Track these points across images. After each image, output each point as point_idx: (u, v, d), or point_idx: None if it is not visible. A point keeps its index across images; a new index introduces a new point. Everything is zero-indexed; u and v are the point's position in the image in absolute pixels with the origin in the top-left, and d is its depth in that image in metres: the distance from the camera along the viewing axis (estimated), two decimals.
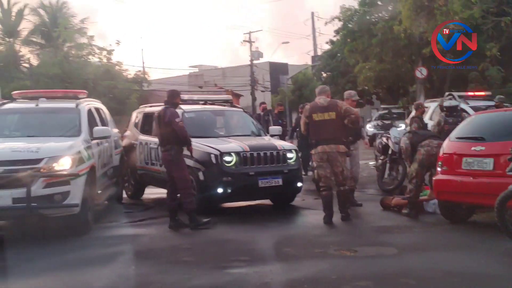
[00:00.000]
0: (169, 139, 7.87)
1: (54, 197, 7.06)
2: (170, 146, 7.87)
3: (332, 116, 7.87)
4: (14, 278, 5.59)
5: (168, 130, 7.85)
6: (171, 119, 7.80)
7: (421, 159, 8.20)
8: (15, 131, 8.53)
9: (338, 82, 32.34)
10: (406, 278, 5.22)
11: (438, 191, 7.70)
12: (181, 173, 7.89)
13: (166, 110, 7.94)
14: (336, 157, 7.89)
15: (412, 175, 8.31)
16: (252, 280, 5.28)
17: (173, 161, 7.86)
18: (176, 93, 8.38)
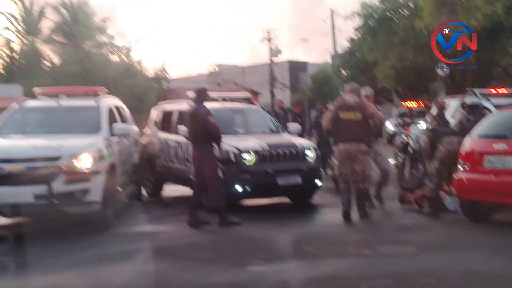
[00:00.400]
0: (202, 137, 7.90)
1: (75, 194, 7.15)
2: (203, 144, 7.90)
3: (358, 116, 7.92)
4: (36, 274, 5.66)
5: (201, 128, 7.87)
6: (205, 118, 7.85)
7: (441, 157, 8.09)
8: (36, 128, 8.64)
9: (358, 79, 32.12)
10: (426, 277, 5.17)
11: (459, 189, 7.61)
12: (213, 171, 7.91)
13: (198, 109, 7.97)
14: (357, 156, 7.93)
15: (433, 174, 8.20)
16: (271, 277, 5.28)
17: (205, 159, 7.88)
18: (205, 90, 8.43)
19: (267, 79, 39.99)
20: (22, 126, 8.65)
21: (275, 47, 40.81)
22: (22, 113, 8.96)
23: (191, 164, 9.42)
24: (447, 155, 8.03)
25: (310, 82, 41.82)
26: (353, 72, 33.85)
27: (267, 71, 40.31)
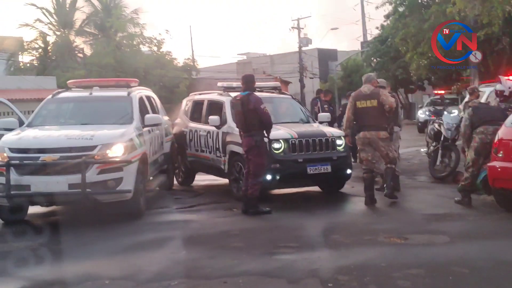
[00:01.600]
0: (253, 125, 7.95)
1: (107, 183, 7.27)
2: (255, 131, 7.95)
3: (374, 103, 8.20)
4: (69, 261, 5.80)
5: (253, 116, 7.92)
6: (256, 105, 7.89)
7: (476, 147, 7.96)
8: (70, 119, 8.79)
9: (389, 67, 31.76)
10: (459, 267, 5.12)
11: (493, 178, 7.48)
12: (260, 159, 7.97)
13: (249, 97, 8.00)
14: (377, 143, 8.24)
15: (469, 164, 8.08)
16: (301, 266, 5.29)
17: (256, 147, 7.93)
18: (253, 77, 8.49)
19: (296, 67, 39.82)
20: (56, 117, 8.82)
21: (305, 36, 40.58)
22: (56, 104, 9.13)
23: (221, 153, 9.51)
24: (481, 145, 7.90)
25: (339, 70, 41.50)
26: (383, 60, 33.44)
27: (296, 59, 40.13)
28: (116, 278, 5.17)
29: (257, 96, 8.05)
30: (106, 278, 5.16)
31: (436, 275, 4.93)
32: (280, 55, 45.20)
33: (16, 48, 33.27)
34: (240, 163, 8.93)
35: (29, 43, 34.08)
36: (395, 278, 4.85)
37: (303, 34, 40.93)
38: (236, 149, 9.02)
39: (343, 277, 4.93)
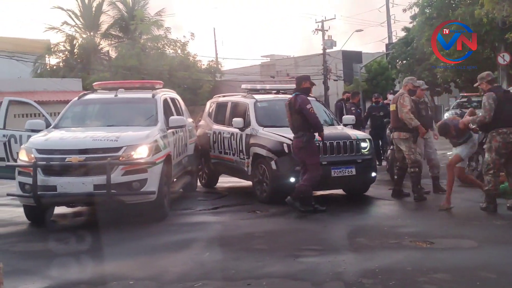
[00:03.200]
0: (301, 126, 7.99)
1: (132, 184, 7.32)
2: (302, 133, 7.97)
3: (393, 108, 8.85)
4: (94, 261, 5.85)
5: (299, 117, 7.96)
6: (301, 106, 7.92)
7: (497, 147, 7.58)
8: (95, 120, 8.89)
9: (414, 69, 31.42)
10: (486, 272, 5.03)
11: None
12: (313, 159, 8.00)
13: (296, 98, 8.05)
14: (398, 143, 8.86)
15: (489, 166, 7.70)
16: (325, 269, 5.25)
17: (305, 148, 7.94)
18: (303, 78, 8.52)
19: (321, 70, 39.67)
20: (82, 119, 8.92)
21: (329, 38, 40.41)
22: (82, 106, 9.23)
23: (244, 155, 9.51)
24: (503, 145, 7.56)
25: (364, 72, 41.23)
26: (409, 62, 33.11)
27: (320, 61, 39.97)
28: (140, 278, 5.20)
29: (303, 97, 8.06)
30: (130, 278, 5.19)
31: (462, 280, 4.84)
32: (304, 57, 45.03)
33: (43, 50, 33.81)
34: (263, 165, 8.92)
35: (56, 46, 34.61)
36: (421, 283, 4.79)
37: (327, 36, 40.74)
38: (260, 151, 9.01)
39: (368, 281, 4.87)
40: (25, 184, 7.33)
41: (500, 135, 7.53)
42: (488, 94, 7.62)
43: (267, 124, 9.42)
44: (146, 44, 33.47)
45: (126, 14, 35.99)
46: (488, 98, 7.56)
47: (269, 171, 8.73)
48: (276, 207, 8.50)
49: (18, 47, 29.78)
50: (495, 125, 7.53)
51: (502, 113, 7.50)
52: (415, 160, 8.67)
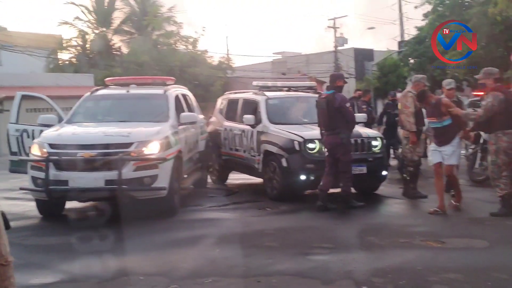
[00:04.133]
0: (338, 123, 8.03)
1: (143, 180, 7.35)
2: (340, 130, 8.02)
3: (400, 106, 9.05)
4: (105, 256, 5.86)
5: (338, 114, 8.01)
6: (341, 104, 8.01)
7: (506, 148, 7.41)
8: (107, 116, 8.92)
9: (426, 68, 31.26)
10: (498, 272, 5.00)
11: None
12: (347, 156, 8.07)
13: (335, 95, 8.10)
14: (403, 140, 9.11)
15: (502, 168, 7.46)
16: (335, 267, 5.25)
17: (343, 145, 8.01)
18: (337, 76, 8.74)
19: (332, 67, 39.56)
20: (93, 114, 8.97)
21: (341, 35, 40.29)
22: (94, 102, 9.27)
23: (255, 152, 9.51)
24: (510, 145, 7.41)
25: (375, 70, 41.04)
26: (420, 60, 32.94)
27: (332, 59, 39.87)
28: (150, 274, 5.21)
29: (342, 95, 8.20)
30: (141, 274, 5.20)
31: (474, 280, 4.81)
32: (315, 54, 44.89)
33: (55, 45, 33.96)
34: (274, 162, 8.91)
35: (68, 41, 34.76)
36: (432, 282, 4.76)
37: (339, 34, 40.62)
38: (271, 148, 9.01)
39: (378, 280, 4.86)
40: (37, 178, 7.38)
41: (507, 135, 7.39)
42: (495, 95, 7.43)
43: (278, 121, 9.42)
44: (158, 40, 33.52)
45: (138, 10, 36.06)
46: (494, 99, 7.38)
47: (280, 169, 8.73)
48: (286, 204, 8.49)
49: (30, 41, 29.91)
50: (502, 126, 7.38)
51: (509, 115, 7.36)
52: (411, 159, 8.85)
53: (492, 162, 7.52)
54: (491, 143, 7.54)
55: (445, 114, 7.58)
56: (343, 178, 8.03)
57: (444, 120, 7.59)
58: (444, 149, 7.65)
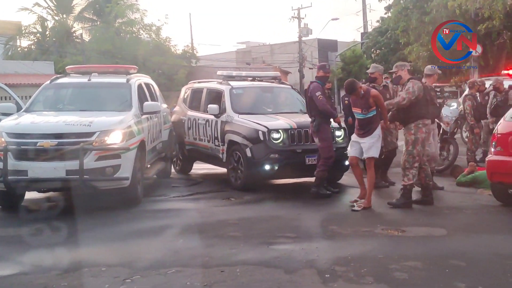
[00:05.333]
0: (313, 111, 8.21)
1: (105, 170, 7.25)
2: (313, 118, 8.20)
3: None
4: (66, 247, 5.79)
5: (312, 103, 8.18)
6: (312, 93, 8.15)
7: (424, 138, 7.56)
8: (68, 105, 8.75)
9: (389, 59, 31.72)
10: (456, 260, 5.13)
11: (491, 172, 7.48)
12: (323, 143, 8.18)
13: (310, 85, 8.33)
14: None
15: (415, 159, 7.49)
16: (298, 256, 5.30)
17: (316, 132, 8.16)
18: (319, 66, 8.91)
19: (296, 58, 39.71)
20: (54, 103, 8.77)
21: (305, 26, 40.45)
22: (54, 90, 9.07)
23: (219, 142, 9.49)
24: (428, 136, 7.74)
25: (339, 61, 41.42)
26: (383, 51, 33.43)
27: (296, 49, 40.02)
28: (112, 265, 5.16)
29: (315, 84, 8.26)
30: (103, 265, 5.14)
31: (433, 268, 4.93)
32: (280, 44, 45.03)
33: (14, 32, 33.08)
34: (238, 152, 8.91)
35: (27, 28, 33.89)
36: (392, 270, 4.86)
37: (304, 24, 40.80)
38: (235, 138, 9.00)
39: (340, 268, 4.93)
40: None
41: (426, 127, 7.57)
42: (414, 81, 7.55)
43: (243, 111, 9.41)
44: (121, 28, 33.00)
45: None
46: (414, 84, 7.50)
47: (244, 158, 8.73)
48: (250, 194, 8.52)
49: None
50: (420, 116, 7.49)
51: (427, 105, 7.63)
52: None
53: (408, 152, 7.53)
54: (410, 133, 7.53)
55: (372, 106, 7.51)
56: (320, 162, 8.23)
57: (369, 112, 7.53)
58: (364, 140, 7.59)
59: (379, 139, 7.67)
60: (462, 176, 9.22)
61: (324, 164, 8.22)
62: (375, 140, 7.58)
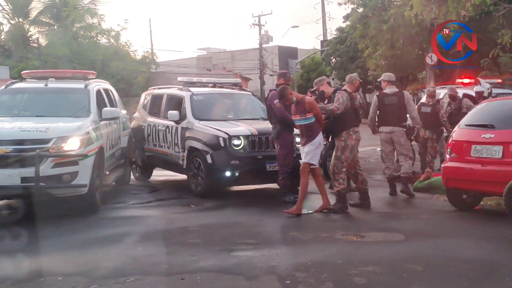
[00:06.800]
0: (273, 119, 8.36)
1: (62, 177, 7.10)
2: (273, 125, 8.34)
3: None
4: (21, 257, 5.63)
5: (271, 111, 8.32)
6: (270, 101, 8.34)
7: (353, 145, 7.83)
8: (24, 110, 8.55)
9: (348, 67, 32.23)
10: (413, 264, 5.22)
11: (446, 178, 7.67)
12: (280, 151, 8.27)
13: (269, 92, 8.48)
14: None
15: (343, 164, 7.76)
16: (259, 263, 5.29)
17: (275, 139, 8.30)
18: (279, 74, 8.95)
19: (257, 64, 39.88)
20: (9, 108, 8.55)
21: (266, 33, 40.71)
22: (9, 95, 8.86)
23: (180, 148, 9.44)
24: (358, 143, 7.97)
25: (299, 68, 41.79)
26: (342, 59, 33.94)
27: (256, 56, 40.20)
28: (69, 274, 5.04)
29: (274, 92, 8.31)
30: (59, 274, 5.02)
31: (391, 272, 5.01)
32: (240, 51, 45.17)
33: None
34: (198, 159, 8.88)
35: None
36: (352, 275, 4.91)
37: (264, 31, 41.05)
38: (195, 144, 8.97)
39: (301, 274, 4.95)
40: None
41: (356, 134, 7.84)
42: (341, 93, 7.82)
43: (203, 118, 9.38)
44: (79, 33, 32.47)
45: (57, 0, 34.73)
46: (342, 95, 7.77)
47: (205, 165, 8.70)
48: (211, 201, 8.49)
49: None
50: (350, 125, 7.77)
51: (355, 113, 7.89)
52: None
53: (337, 157, 7.76)
54: (341, 140, 7.77)
55: (309, 112, 7.55)
56: (279, 171, 8.32)
57: (308, 118, 7.54)
58: (304, 147, 7.64)
59: (319, 147, 7.65)
60: (418, 182, 9.42)
61: (282, 172, 8.29)
62: (314, 147, 7.56)
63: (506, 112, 7.51)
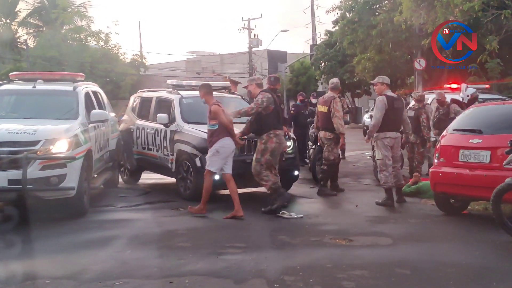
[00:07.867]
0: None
1: (50, 179, 7.05)
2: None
3: (324, 109, 9.55)
4: (8, 260, 5.58)
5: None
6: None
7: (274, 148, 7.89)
8: (11, 112, 8.48)
9: (336, 71, 32.38)
10: (401, 268, 5.25)
11: (434, 182, 7.71)
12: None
13: None
14: (323, 142, 9.63)
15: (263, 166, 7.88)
16: (248, 267, 5.29)
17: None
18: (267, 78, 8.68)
19: (246, 68, 39.92)
20: None
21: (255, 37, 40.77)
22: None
23: (169, 151, 9.41)
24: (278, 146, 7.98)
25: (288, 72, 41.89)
26: (331, 63, 34.08)
27: (246, 60, 40.24)
28: (57, 277, 5.01)
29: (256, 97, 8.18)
30: (46, 277, 4.98)
31: (379, 276, 5.03)
32: (230, 54, 45.16)
33: None
34: (187, 162, 8.85)
35: None
36: (340, 279, 4.92)
37: (254, 35, 41.11)
38: (184, 148, 8.95)
39: (290, 278, 4.95)
40: None
41: (277, 137, 7.89)
42: (264, 94, 7.92)
43: (192, 121, 9.36)
44: (68, 35, 32.32)
45: (47, 2, 34.57)
46: (263, 96, 7.88)
47: (194, 168, 8.68)
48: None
49: None
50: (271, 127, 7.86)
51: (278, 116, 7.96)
52: (328, 158, 9.51)
53: (257, 160, 7.88)
54: (261, 142, 7.87)
55: (214, 119, 7.73)
56: None
57: (211, 124, 7.76)
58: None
59: (215, 154, 7.68)
60: (406, 186, 9.47)
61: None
62: (211, 154, 7.70)
63: (494, 117, 7.58)
